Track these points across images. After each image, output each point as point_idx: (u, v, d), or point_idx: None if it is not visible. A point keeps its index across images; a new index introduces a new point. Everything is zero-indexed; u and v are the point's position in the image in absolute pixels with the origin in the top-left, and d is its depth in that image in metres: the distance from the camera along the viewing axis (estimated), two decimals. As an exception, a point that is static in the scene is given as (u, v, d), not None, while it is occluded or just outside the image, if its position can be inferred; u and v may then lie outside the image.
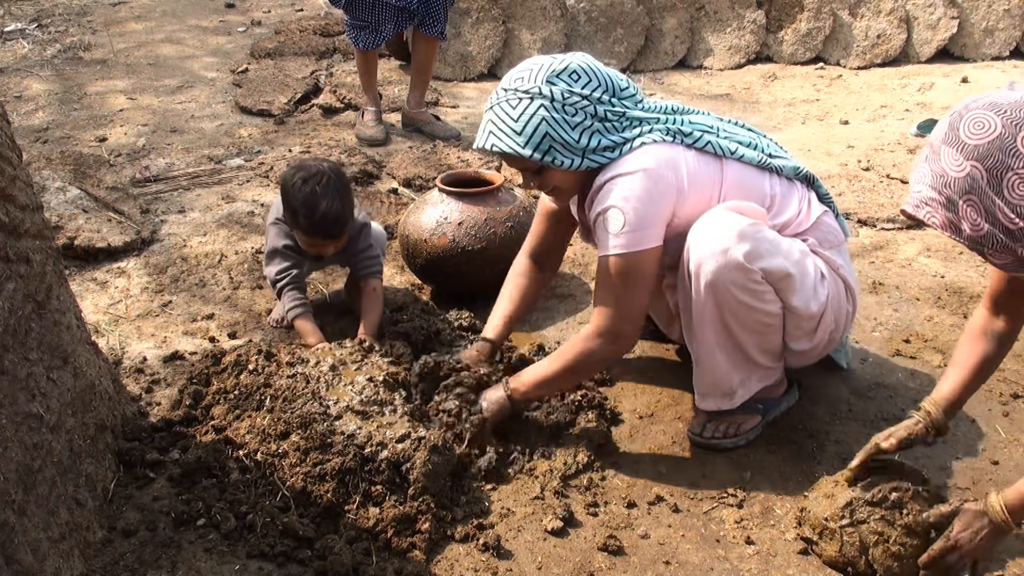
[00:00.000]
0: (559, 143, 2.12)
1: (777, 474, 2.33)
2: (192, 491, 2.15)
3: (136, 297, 3.23)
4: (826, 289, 2.28)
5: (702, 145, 2.22)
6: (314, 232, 2.69)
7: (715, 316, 2.21)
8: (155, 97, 5.58)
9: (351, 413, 2.28)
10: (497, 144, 2.15)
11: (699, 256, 2.16)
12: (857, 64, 6.29)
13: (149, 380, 2.70)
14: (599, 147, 2.15)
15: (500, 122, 2.14)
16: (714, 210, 2.20)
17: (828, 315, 2.30)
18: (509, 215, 3.07)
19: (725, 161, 2.25)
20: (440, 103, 5.57)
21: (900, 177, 4.15)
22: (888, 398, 2.61)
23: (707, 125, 2.29)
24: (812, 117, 5.32)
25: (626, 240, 2.13)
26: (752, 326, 2.23)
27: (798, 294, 2.21)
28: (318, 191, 2.64)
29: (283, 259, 2.82)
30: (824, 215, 2.37)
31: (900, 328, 2.99)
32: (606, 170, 2.18)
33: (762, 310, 2.20)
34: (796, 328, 2.28)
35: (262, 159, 4.50)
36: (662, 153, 2.16)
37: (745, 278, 2.14)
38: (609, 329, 2.22)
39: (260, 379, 2.45)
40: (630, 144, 2.17)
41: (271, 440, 2.22)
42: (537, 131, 2.11)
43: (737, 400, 2.37)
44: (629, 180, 2.13)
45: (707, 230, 2.16)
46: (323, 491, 2.10)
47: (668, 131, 2.20)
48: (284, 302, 2.82)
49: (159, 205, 3.99)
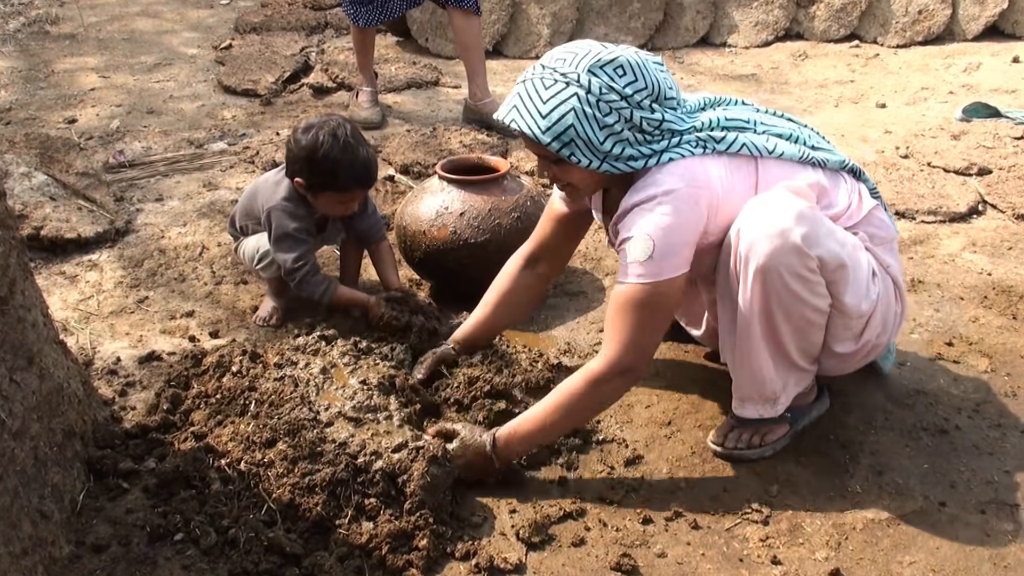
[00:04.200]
0: (582, 140, 2.12)
1: (806, 488, 2.33)
2: (169, 503, 2.15)
3: (109, 292, 3.24)
4: (877, 288, 2.28)
5: (736, 149, 2.22)
6: (356, 184, 2.79)
7: (762, 308, 2.20)
8: (130, 75, 5.58)
9: (343, 419, 2.28)
10: (517, 121, 2.15)
11: (752, 238, 2.14)
12: (896, 42, 6.27)
13: (123, 382, 2.71)
14: (622, 155, 2.15)
15: (528, 99, 2.14)
16: (770, 191, 2.20)
17: (877, 316, 2.30)
18: (515, 205, 3.07)
19: (761, 161, 2.25)
20: (441, 83, 5.57)
21: (942, 166, 4.14)
22: (928, 406, 2.61)
23: (743, 120, 2.29)
24: (846, 100, 5.31)
25: (651, 268, 2.13)
26: (797, 321, 2.22)
27: (851, 290, 2.21)
28: (351, 141, 2.74)
29: (297, 244, 2.86)
30: (875, 209, 2.37)
31: (942, 330, 2.99)
32: (634, 190, 2.18)
33: (811, 304, 2.19)
34: (844, 328, 2.28)
35: (247, 143, 4.51)
36: (692, 169, 2.16)
37: (800, 264, 2.13)
38: (620, 363, 2.19)
39: (244, 382, 2.46)
40: (657, 157, 2.17)
41: (256, 448, 2.23)
42: (562, 120, 2.10)
43: (780, 407, 2.36)
44: (658, 203, 2.12)
45: (762, 210, 2.15)
46: (312, 504, 2.11)
47: (699, 140, 2.19)
48: (311, 290, 2.86)
49: (134, 193, 4.00)
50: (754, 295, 2.19)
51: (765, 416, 2.37)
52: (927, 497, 2.28)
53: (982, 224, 3.72)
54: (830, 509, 2.25)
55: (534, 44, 6.09)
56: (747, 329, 2.24)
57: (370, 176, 2.81)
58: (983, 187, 3.95)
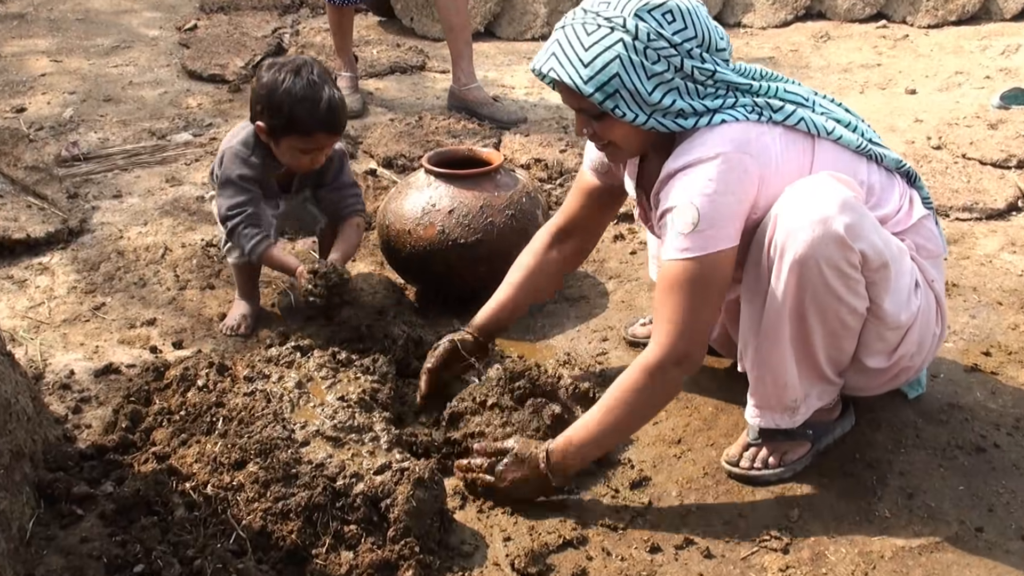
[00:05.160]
0: (628, 90, 2.12)
1: (829, 513, 2.33)
2: (128, 531, 2.15)
3: (62, 299, 3.24)
4: (919, 300, 2.29)
5: (794, 122, 2.23)
6: (319, 126, 2.77)
7: (794, 303, 2.19)
8: (85, 59, 5.58)
9: (320, 439, 2.28)
10: (556, 71, 2.15)
11: (790, 225, 2.14)
12: (927, 22, 6.29)
13: (77, 398, 2.71)
14: (671, 108, 2.15)
15: (568, 46, 2.14)
16: (811, 177, 2.21)
17: (914, 332, 2.31)
18: (509, 202, 3.07)
19: (818, 141, 2.26)
20: (427, 67, 5.57)
21: (978, 157, 4.15)
22: (963, 422, 2.61)
23: (802, 97, 2.31)
24: (872, 85, 5.32)
25: (698, 241, 2.13)
26: (831, 323, 2.22)
27: (892, 295, 2.21)
28: (315, 79, 2.76)
29: (238, 192, 2.85)
30: (926, 219, 2.38)
31: (978, 338, 3.00)
32: (677, 153, 2.19)
33: (848, 304, 2.19)
34: (878, 339, 2.28)
35: (214, 134, 4.51)
36: (745, 134, 2.17)
37: (841, 256, 2.12)
38: (674, 351, 2.20)
39: (211, 397, 2.46)
40: (709, 117, 2.17)
41: (224, 470, 2.23)
42: (607, 69, 2.10)
43: (799, 418, 2.36)
44: (704, 169, 2.13)
45: (803, 196, 2.15)
46: (286, 531, 2.11)
47: (755, 106, 2.20)
48: (241, 242, 2.85)
49: (90, 189, 3.99)
50: (787, 289, 2.18)
51: (782, 426, 2.37)
52: (962, 522, 2.29)
53: (1022, 222, 3.73)
54: (856, 536, 2.25)
55: (530, 24, 6.10)
56: (774, 328, 2.24)
57: (335, 119, 2.80)
58: (1023, 181, 3.96)
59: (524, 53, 5.79)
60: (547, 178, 4.03)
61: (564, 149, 4.20)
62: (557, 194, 3.87)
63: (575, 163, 4.05)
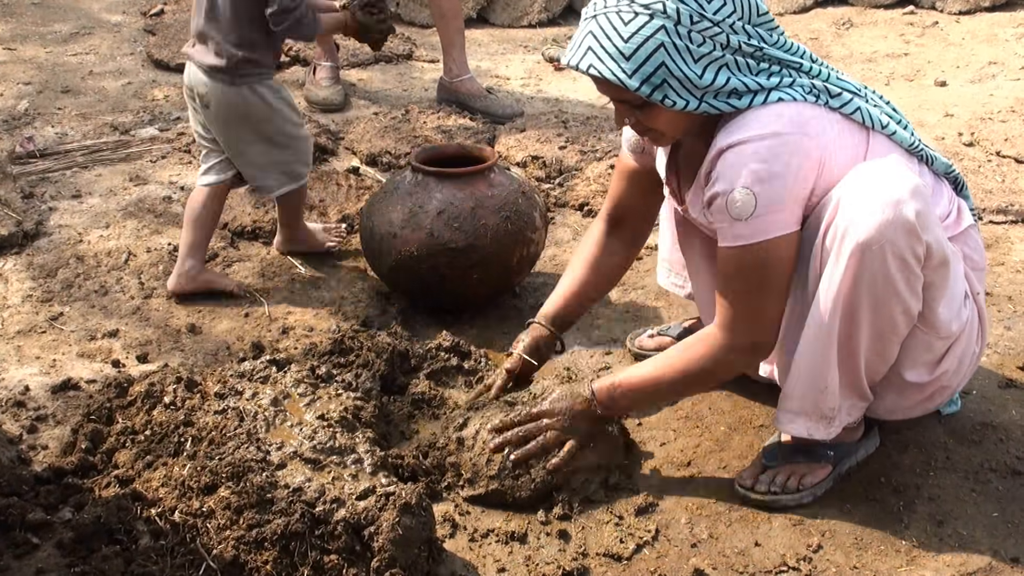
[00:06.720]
0: (675, 78, 2.13)
1: (852, 541, 2.34)
2: (88, 562, 2.15)
3: (16, 308, 3.24)
4: (968, 311, 2.32)
5: (850, 111, 2.25)
6: None
7: (848, 294, 2.19)
8: (41, 47, 5.59)
9: (298, 461, 2.28)
10: (596, 67, 2.15)
11: (856, 207, 2.14)
12: (958, 8, 6.32)
13: (32, 416, 2.71)
14: (724, 88, 2.16)
15: (604, 38, 2.14)
16: (878, 160, 2.23)
17: (958, 346, 2.33)
18: (503, 203, 3.08)
19: (872, 134, 2.29)
20: (415, 56, 5.59)
21: (1014, 155, 4.17)
22: (998, 442, 2.62)
23: (856, 87, 2.33)
24: (899, 76, 5.35)
25: (756, 227, 2.16)
26: (881, 321, 2.22)
27: (947, 300, 2.24)
28: None
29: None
30: (972, 229, 2.41)
31: (1014, 351, 3.01)
32: (727, 129, 2.19)
33: (904, 302, 2.19)
34: (924, 349, 2.30)
35: (181, 128, 4.51)
36: (802, 114, 2.18)
37: (907, 245, 2.12)
38: (741, 339, 2.28)
39: (179, 416, 2.46)
40: (764, 95, 2.18)
41: (193, 495, 2.23)
42: (651, 59, 2.11)
43: (835, 429, 2.37)
44: (758, 148, 2.14)
45: (872, 177, 2.16)
46: (260, 562, 2.11)
47: (813, 88, 2.22)
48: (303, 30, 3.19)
49: (47, 188, 4.00)
50: (844, 278, 2.17)
51: (816, 436, 2.37)
52: (996, 552, 2.29)
53: (1061, 226, 3.75)
54: (881, 566, 2.26)
55: (526, 10, 6.12)
56: (822, 323, 2.24)
57: None
58: (1062, 181, 3.98)
59: (520, 41, 5.80)
60: (545, 177, 4.04)
61: (563, 146, 4.21)
62: (556, 194, 3.88)
63: (575, 160, 4.07)
